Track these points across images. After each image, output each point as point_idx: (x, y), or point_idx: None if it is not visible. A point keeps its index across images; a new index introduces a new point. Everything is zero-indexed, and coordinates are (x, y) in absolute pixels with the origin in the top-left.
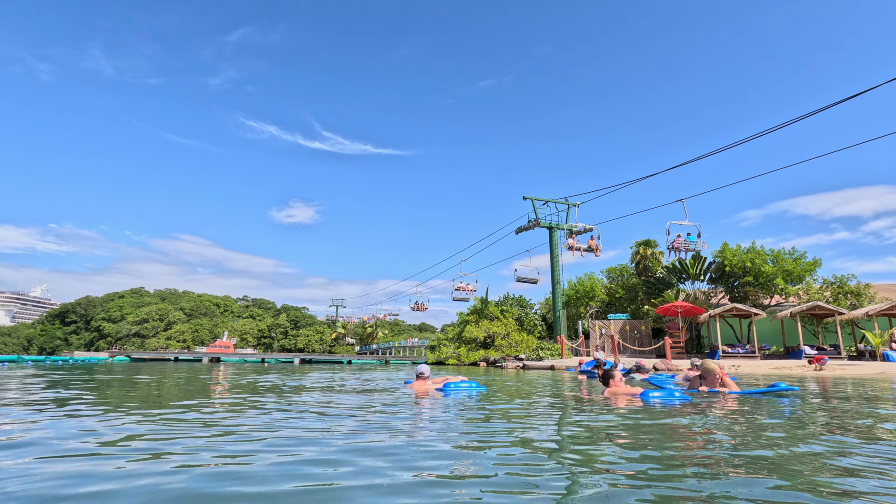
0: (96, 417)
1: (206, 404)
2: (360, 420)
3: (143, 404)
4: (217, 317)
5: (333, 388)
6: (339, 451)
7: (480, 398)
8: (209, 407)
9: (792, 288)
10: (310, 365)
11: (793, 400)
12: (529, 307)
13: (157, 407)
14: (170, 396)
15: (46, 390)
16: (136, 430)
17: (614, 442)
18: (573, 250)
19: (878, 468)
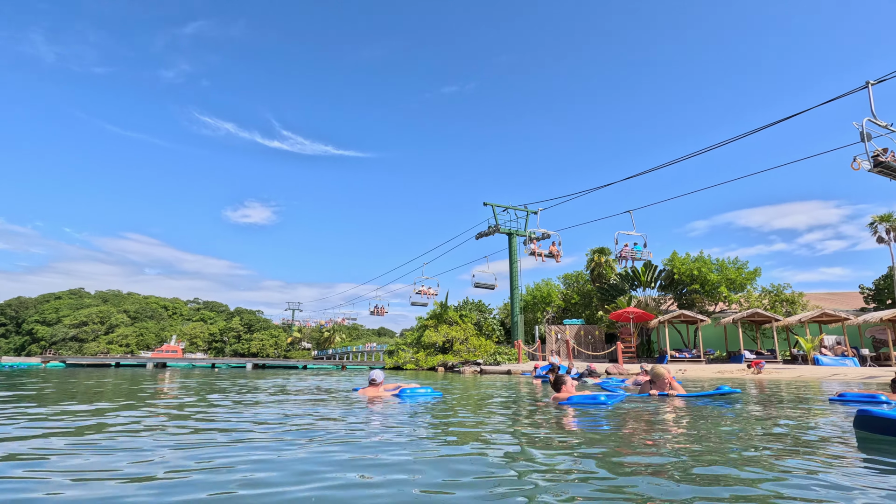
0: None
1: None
2: (299, 428)
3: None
4: (165, 320)
5: (278, 392)
6: (249, 462)
7: (435, 404)
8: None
9: (734, 296)
10: (263, 370)
11: (734, 402)
12: (488, 312)
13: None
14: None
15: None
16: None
17: (561, 447)
18: (535, 255)
19: (806, 466)
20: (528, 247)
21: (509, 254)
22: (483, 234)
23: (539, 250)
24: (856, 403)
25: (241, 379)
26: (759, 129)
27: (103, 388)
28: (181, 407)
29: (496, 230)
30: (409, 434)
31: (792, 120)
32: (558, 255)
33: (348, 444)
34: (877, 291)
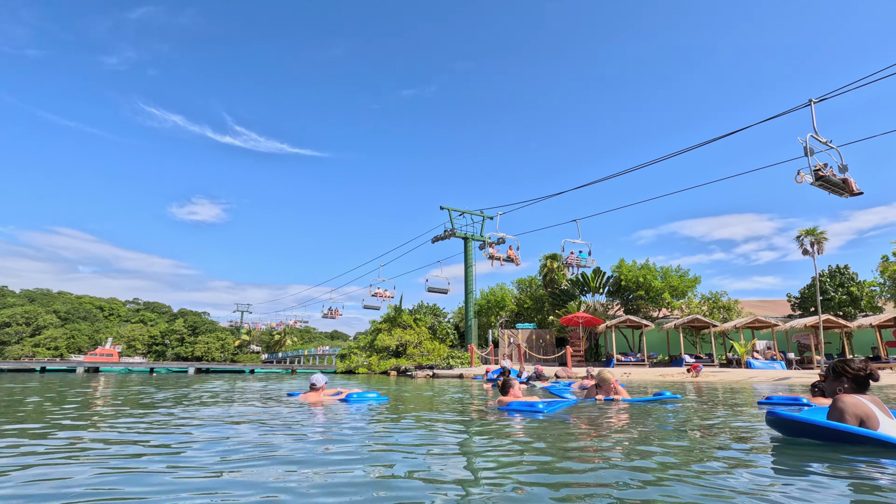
0: None
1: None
2: (232, 436)
3: None
4: (100, 321)
5: (214, 400)
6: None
7: (380, 409)
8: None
9: (676, 302)
10: (206, 374)
11: (675, 406)
12: (443, 316)
13: None
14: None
15: None
16: None
17: (500, 453)
18: (493, 259)
19: (745, 464)
20: (486, 251)
21: (465, 258)
22: (439, 237)
23: (497, 254)
24: (781, 406)
25: (171, 387)
26: (703, 144)
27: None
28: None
29: (452, 234)
30: (347, 442)
31: (735, 135)
32: (517, 258)
33: (273, 458)
34: (802, 300)
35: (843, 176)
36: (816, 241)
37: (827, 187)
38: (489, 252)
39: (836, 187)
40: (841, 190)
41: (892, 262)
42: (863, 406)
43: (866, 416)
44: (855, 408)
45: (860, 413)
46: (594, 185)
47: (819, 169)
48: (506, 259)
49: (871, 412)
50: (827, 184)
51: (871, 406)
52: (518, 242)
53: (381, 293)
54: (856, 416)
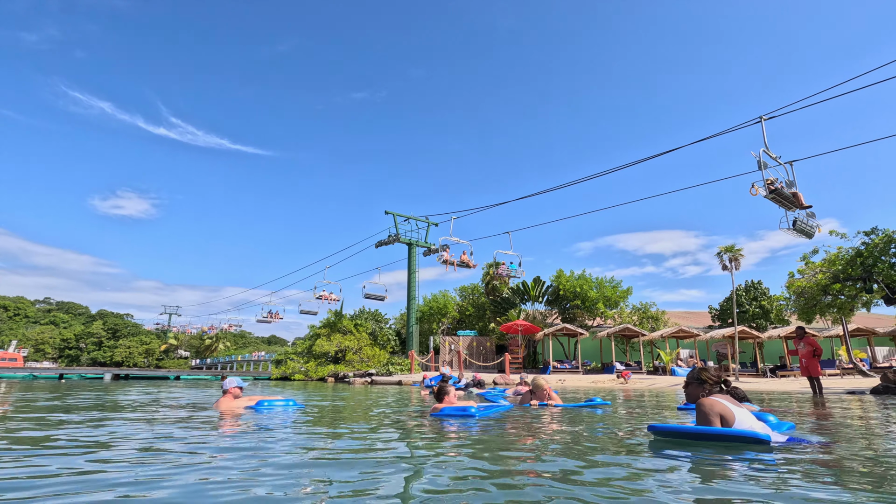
0: None
1: None
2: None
3: None
4: (3, 322)
5: (110, 406)
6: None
7: (300, 420)
8: None
9: (610, 311)
10: (125, 381)
11: (606, 411)
12: (384, 321)
13: None
14: None
15: None
16: None
17: (433, 459)
18: (447, 264)
19: (668, 465)
20: (440, 255)
21: (408, 264)
22: (383, 242)
23: (451, 259)
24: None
25: (81, 393)
26: (639, 162)
27: None
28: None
29: (396, 239)
30: (253, 455)
31: (672, 152)
32: (471, 263)
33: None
34: (721, 312)
35: (792, 190)
36: (734, 257)
37: (779, 201)
38: (443, 256)
39: (786, 201)
40: (790, 203)
41: (797, 278)
42: (719, 405)
43: (724, 413)
44: (714, 407)
45: (719, 411)
46: (537, 196)
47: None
48: (460, 264)
49: (727, 410)
50: (779, 197)
51: (727, 404)
52: (472, 248)
53: (326, 296)
54: (717, 414)
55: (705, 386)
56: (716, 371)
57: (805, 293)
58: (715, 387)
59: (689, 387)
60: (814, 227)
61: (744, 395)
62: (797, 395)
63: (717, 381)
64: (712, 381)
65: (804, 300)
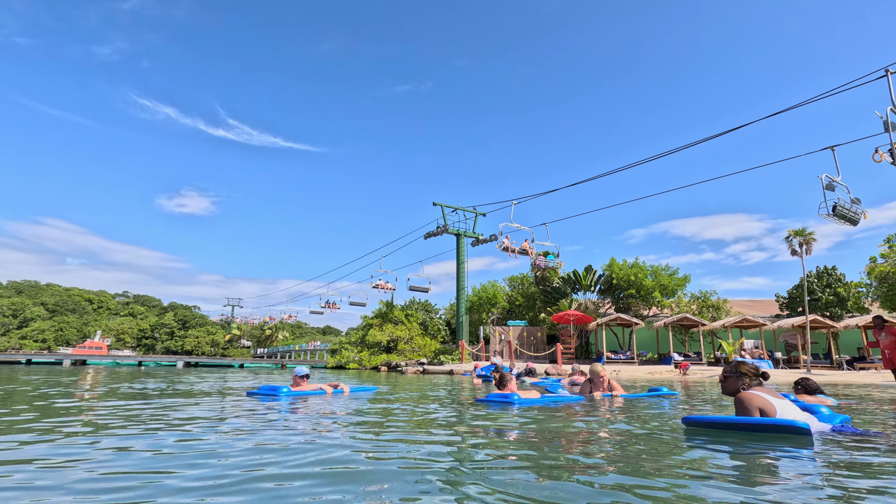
0: None
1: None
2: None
3: None
4: (89, 314)
5: (199, 394)
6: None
7: (365, 403)
8: None
9: (666, 301)
10: (195, 369)
11: (672, 401)
12: (434, 312)
13: None
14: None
15: None
16: None
17: (496, 447)
18: (508, 251)
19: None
20: (500, 242)
21: (457, 254)
22: (431, 234)
23: (512, 246)
24: None
25: (158, 380)
26: (696, 143)
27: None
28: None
29: (445, 231)
30: (324, 435)
31: (728, 134)
32: (532, 252)
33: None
34: (790, 300)
35: None
36: (805, 241)
37: None
38: (503, 244)
39: None
40: None
41: (880, 263)
42: (759, 399)
43: (763, 406)
44: (753, 401)
45: (758, 405)
46: (587, 182)
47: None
48: (520, 251)
49: (767, 403)
50: None
51: (767, 397)
52: (533, 234)
53: (382, 285)
54: (756, 408)
55: (744, 379)
56: (753, 366)
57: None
58: (754, 380)
59: (726, 381)
60: (858, 213)
61: (817, 387)
62: (879, 387)
63: (755, 374)
64: (751, 374)
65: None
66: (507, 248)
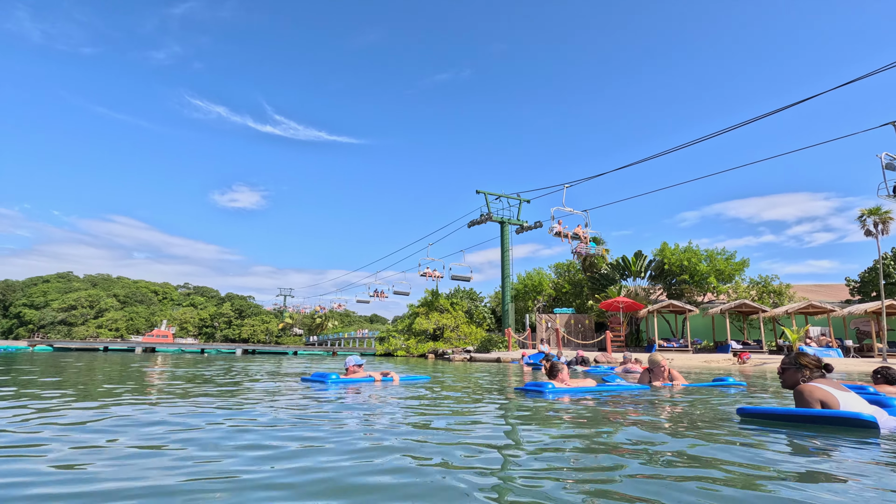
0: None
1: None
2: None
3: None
4: (155, 304)
5: (266, 378)
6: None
7: (422, 390)
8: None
9: (723, 286)
10: (253, 356)
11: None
12: (479, 300)
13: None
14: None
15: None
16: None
17: (553, 436)
18: (560, 236)
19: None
20: (552, 227)
21: (501, 242)
22: (475, 222)
23: (565, 231)
24: None
25: (246, 364)
26: (755, 120)
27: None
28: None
29: (488, 218)
30: (369, 421)
31: (785, 111)
32: (586, 237)
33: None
34: (862, 284)
35: None
36: (881, 221)
37: None
38: (555, 228)
39: None
40: None
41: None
42: (820, 391)
43: (825, 399)
44: (814, 394)
45: (819, 397)
46: (636, 165)
47: None
48: (573, 236)
49: (829, 395)
50: None
51: (829, 389)
52: (588, 219)
53: (430, 273)
54: (817, 401)
55: (804, 371)
56: (814, 356)
57: None
58: (815, 372)
59: (785, 372)
60: None
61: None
62: None
63: (817, 365)
64: (812, 365)
65: None
66: (560, 234)
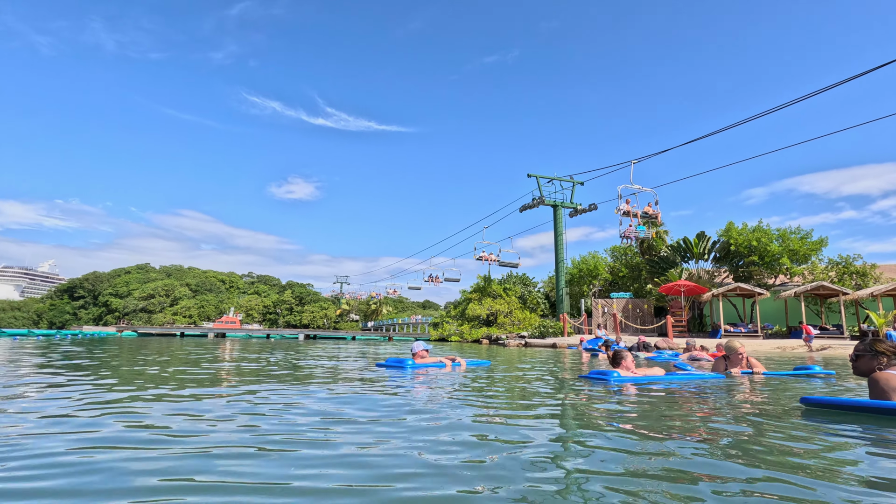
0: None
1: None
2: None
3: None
4: (223, 293)
5: (336, 365)
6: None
7: (487, 376)
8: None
9: (797, 268)
10: (314, 341)
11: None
12: (532, 285)
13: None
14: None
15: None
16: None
17: (620, 427)
18: (628, 216)
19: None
20: (619, 206)
21: (554, 226)
22: (527, 206)
23: (634, 210)
24: None
25: (312, 349)
26: (830, 88)
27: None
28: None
29: (541, 202)
30: (455, 406)
31: (866, 77)
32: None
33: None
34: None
35: None
36: None
37: None
38: (622, 208)
39: None
40: None
41: None
42: None
43: None
44: (891, 382)
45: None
46: (696, 142)
47: None
48: (643, 215)
49: None
50: None
51: None
52: (657, 196)
53: (486, 256)
54: (895, 390)
55: (881, 358)
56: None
57: None
58: (893, 359)
59: (859, 360)
60: None
61: None
62: None
63: (894, 352)
64: (890, 352)
65: None
66: (629, 213)
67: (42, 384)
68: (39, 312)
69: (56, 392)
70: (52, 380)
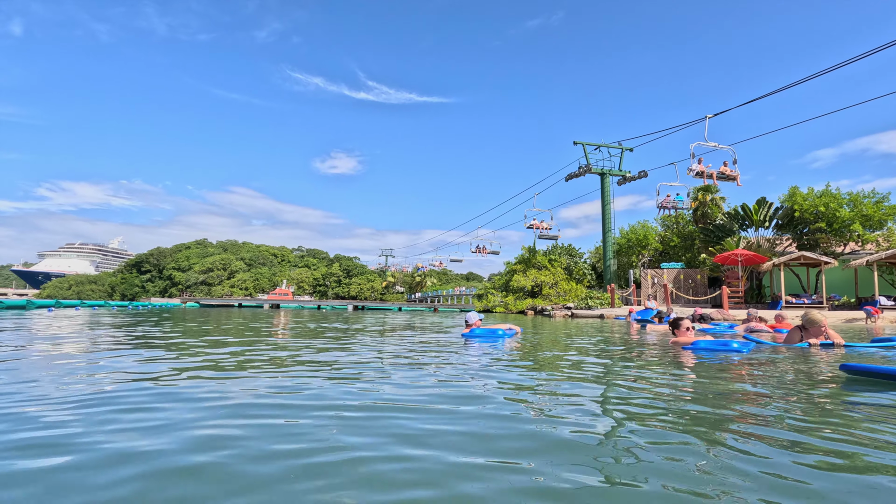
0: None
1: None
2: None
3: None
4: (275, 266)
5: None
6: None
7: (546, 345)
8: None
9: (870, 234)
10: (363, 311)
11: None
12: (579, 256)
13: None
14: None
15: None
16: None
17: (684, 398)
18: (702, 176)
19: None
20: (691, 167)
21: (602, 195)
22: (573, 175)
23: (709, 170)
24: None
25: (362, 318)
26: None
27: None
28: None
29: (587, 170)
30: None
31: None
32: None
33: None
34: None
35: None
36: None
37: None
38: (695, 168)
39: None
40: None
41: None
42: None
43: None
44: None
45: None
46: (756, 105)
47: None
48: (719, 176)
49: None
50: None
51: None
52: (735, 155)
53: (537, 224)
54: None
55: None
56: None
57: None
58: None
59: None
60: None
61: None
62: None
63: None
64: None
65: None
66: (703, 173)
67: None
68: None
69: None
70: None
